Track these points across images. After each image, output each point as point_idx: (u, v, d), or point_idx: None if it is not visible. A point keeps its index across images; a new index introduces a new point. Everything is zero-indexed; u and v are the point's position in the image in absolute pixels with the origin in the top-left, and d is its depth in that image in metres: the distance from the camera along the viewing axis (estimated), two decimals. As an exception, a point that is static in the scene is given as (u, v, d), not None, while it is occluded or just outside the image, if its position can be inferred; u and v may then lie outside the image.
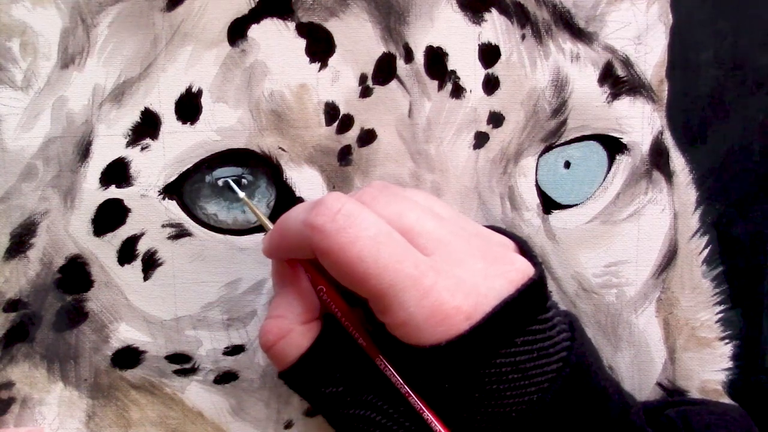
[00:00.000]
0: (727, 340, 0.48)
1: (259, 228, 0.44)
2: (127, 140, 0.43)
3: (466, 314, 0.33)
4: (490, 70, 0.44)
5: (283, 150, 0.43)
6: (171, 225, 0.43)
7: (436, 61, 0.43)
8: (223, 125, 0.43)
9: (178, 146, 0.43)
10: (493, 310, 0.34)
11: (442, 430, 0.35)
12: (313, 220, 0.34)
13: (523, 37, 0.44)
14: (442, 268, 0.34)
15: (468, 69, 0.43)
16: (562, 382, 0.34)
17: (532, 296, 0.35)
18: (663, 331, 0.48)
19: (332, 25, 0.42)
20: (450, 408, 0.35)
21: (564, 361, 0.35)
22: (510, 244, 0.39)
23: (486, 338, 0.34)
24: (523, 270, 0.36)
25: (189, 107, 0.42)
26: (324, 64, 0.43)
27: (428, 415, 0.35)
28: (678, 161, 0.47)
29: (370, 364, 0.37)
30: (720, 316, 0.48)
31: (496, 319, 0.34)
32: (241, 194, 0.42)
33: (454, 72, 0.43)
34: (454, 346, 0.33)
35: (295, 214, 0.37)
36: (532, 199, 0.45)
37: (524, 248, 0.38)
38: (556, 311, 0.37)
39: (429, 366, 0.34)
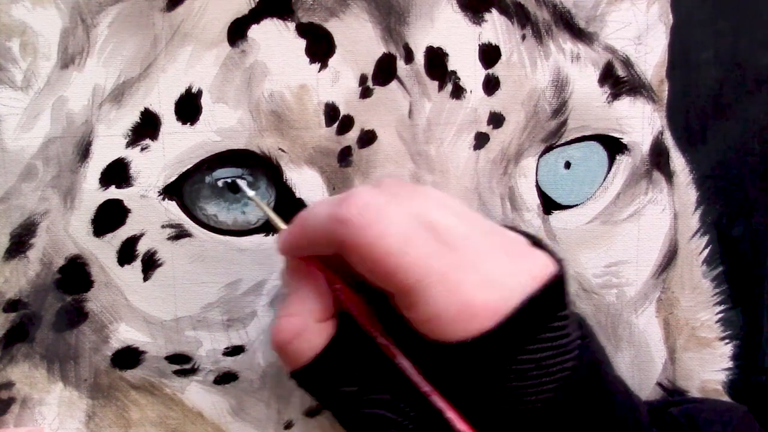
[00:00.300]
0: (727, 340, 0.49)
1: (259, 229, 0.44)
2: (127, 141, 0.43)
3: (493, 310, 0.33)
4: (490, 71, 0.44)
5: (283, 151, 0.43)
6: (171, 226, 0.43)
7: (437, 62, 0.43)
8: (223, 126, 0.43)
9: (178, 147, 0.43)
10: (520, 306, 0.33)
11: (464, 429, 0.35)
12: (343, 213, 0.34)
13: (524, 37, 0.44)
14: (468, 264, 0.34)
15: (468, 69, 0.43)
16: (577, 378, 0.34)
17: (555, 292, 0.35)
18: (663, 331, 0.48)
19: (332, 26, 0.42)
20: (471, 404, 0.35)
21: (579, 359, 0.35)
22: (524, 240, 0.39)
23: (512, 334, 0.33)
24: (547, 265, 0.36)
25: (189, 108, 0.42)
26: (324, 65, 0.43)
27: (450, 414, 0.35)
28: (678, 161, 0.47)
29: (386, 362, 0.37)
30: (720, 316, 0.48)
31: (521, 315, 0.33)
32: (250, 193, 0.42)
33: (454, 72, 0.43)
34: (481, 342, 0.33)
35: (318, 209, 0.36)
36: (533, 200, 0.45)
37: (540, 244, 0.38)
38: (571, 309, 0.37)
39: (453, 362, 0.34)
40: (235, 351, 0.45)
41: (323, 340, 0.37)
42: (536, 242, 0.38)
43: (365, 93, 0.43)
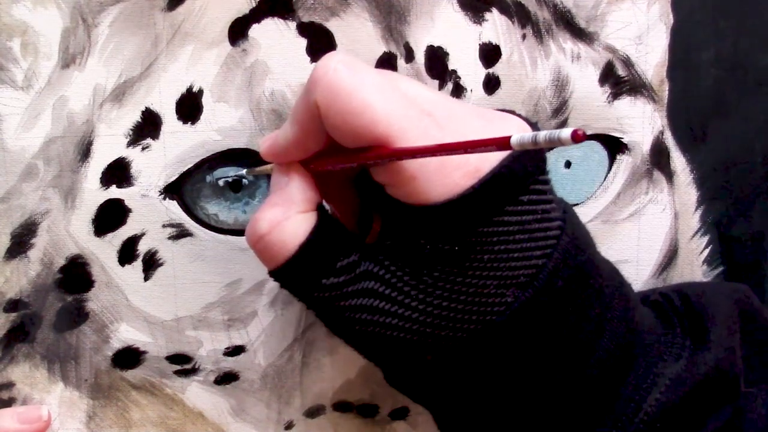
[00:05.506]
0: (727, 341, 0.48)
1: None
2: (128, 140, 0.43)
3: (474, 167, 0.32)
4: (490, 70, 0.44)
5: (284, 150, 0.43)
6: (172, 225, 0.43)
7: (437, 61, 0.43)
8: (223, 125, 0.43)
9: (179, 146, 0.43)
10: (501, 163, 0.32)
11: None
12: (317, 73, 0.33)
13: (524, 36, 0.44)
14: (445, 124, 0.33)
15: (469, 68, 0.43)
16: (563, 249, 0.34)
17: (534, 154, 0.34)
18: (664, 330, 0.48)
19: (333, 25, 0.42)
20: (459, 273, 0.34)
21: (562, 229, 0.34)
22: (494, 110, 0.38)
23: (494, 193, 0.32)
24: (523, 127, 0.35)
25: (190, 107, 0.42)
26: (325, 64, 0.42)
27: None
28: (679, 161, 0.47)
29: (370, 250, 0.35)
30: (721, 316, 0.48)
31: (501, 174, 0.32)
32: (242, 171, 0.42)
33: (454, 71, 0.43)
34: (463, 202, 0.32)
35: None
36: (533, 199, 0.45)
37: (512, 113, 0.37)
38: (551, 180, 0.36)
39: (437, 226, 0.33)
40: (235, 351, 0.45)
41: (305, 230, 0.35)
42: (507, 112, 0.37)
43: (366, 92, 0.43)
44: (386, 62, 0.43)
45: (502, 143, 0.26)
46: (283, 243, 0.35)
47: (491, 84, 0.44)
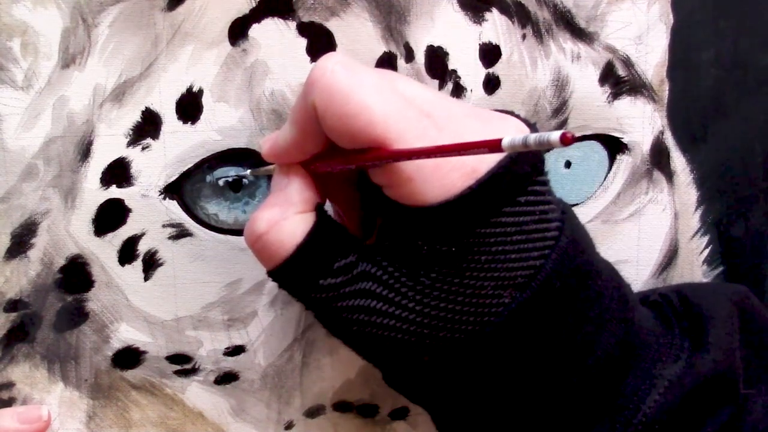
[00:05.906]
0: (727, 341, 0.48)
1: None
2: (128, 140, 0.43)
3: (471, 167, 0.32)
4: (490, 70, 0.44)
5: (284, 149, 0.43)
6: (172, 225, 0.43)
7: (437, 61, 0.43)
8: (224, 125, 0.43)
9: (179, 146, 0.43)
10: (498, 164, 0.32)
11: None
12: (314, 74, 0.33)
13: (524, 36, 0.44)
14: (444, 125, 0.33)
15: (469, 68, 0.43)
16: (561, 250, 0.34)
17: (532, 156, 0.34)
18: (664, 330, 0.48)
19: (333, 25, 0.42)
20: (456, 274, 0.34)
21: (561, 230, 0.34)
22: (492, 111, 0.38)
23: (491, 194, 0.32)
24: (520, 129, 0.35)
25: (190, 107, 0.42)
26: (325, 64, 0.43)
27: None
28: (679, 161, 0.47)
29: (368, 251, 0.35)
30: (721, 316, 0.48)
31: (500, 174, 0.32)
32: (245, 171, 0.42)
33: (454, 71, 0.43)
34: (463, 202, 0.32)
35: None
36: (533, 199, 0.45)
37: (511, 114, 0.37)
38: (549, 182, 0.36)
39: (434, 227, 0.33)
40: (235, 351, 0.45)
41: (303, 231, 0.35)
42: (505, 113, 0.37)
43: (366, 92, 0.43)
44: (386, 62, 0.43)
45: (493, 146, 0.26)
46: (280, 243, 0.35)
47: (491, 84, 0.44)
